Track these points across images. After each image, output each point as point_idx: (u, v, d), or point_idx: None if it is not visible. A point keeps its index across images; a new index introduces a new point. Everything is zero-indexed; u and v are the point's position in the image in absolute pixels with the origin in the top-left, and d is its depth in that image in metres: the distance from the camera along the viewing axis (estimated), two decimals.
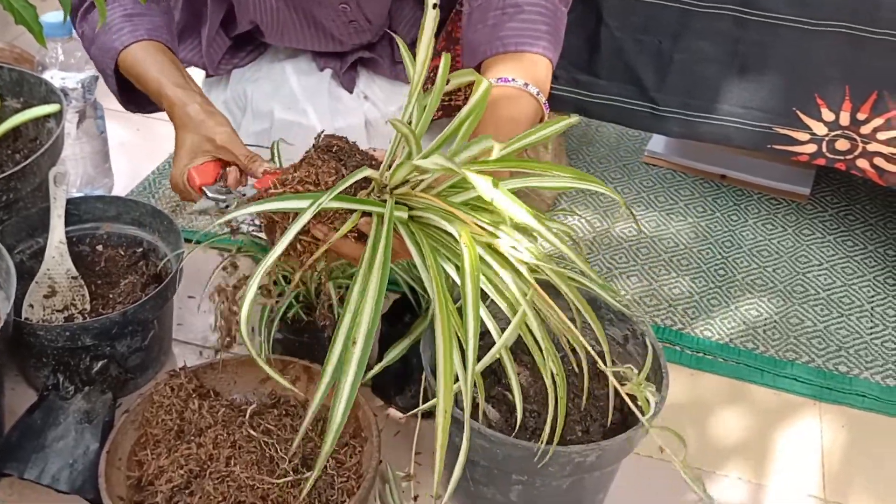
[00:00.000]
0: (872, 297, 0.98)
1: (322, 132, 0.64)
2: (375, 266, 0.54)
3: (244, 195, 0.70)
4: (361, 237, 0.60)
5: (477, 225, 0.57)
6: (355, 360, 0.52)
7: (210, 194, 0.70)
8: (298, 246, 0.59)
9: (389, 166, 0.59)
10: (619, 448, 0.66)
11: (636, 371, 0.66)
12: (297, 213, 0.55)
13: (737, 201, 1.10)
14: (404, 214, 0.58)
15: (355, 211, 0.58)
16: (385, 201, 0.58)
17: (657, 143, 1.16)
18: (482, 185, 0.51)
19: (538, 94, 0.70)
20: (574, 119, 0.65)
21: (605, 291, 0.75)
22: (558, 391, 0.62)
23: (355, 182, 0.57)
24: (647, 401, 0.64)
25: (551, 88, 0.95)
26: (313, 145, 0.63)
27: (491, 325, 0.61)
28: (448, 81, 0.63)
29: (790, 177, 1.12)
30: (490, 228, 0.57)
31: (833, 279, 1.00)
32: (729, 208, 1.09)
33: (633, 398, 0.67)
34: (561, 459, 0.64)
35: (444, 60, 0.63)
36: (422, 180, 0.59)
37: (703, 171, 1.13)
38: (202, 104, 0.74)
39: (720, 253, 1.03)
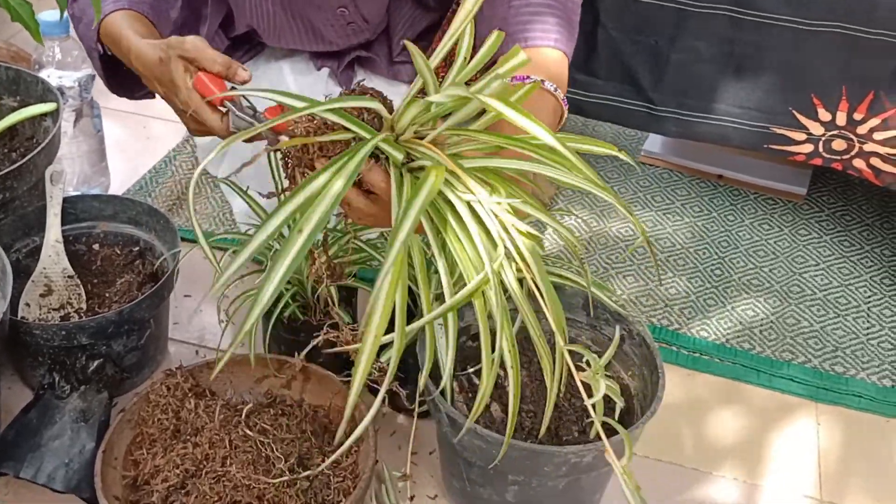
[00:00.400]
0: (869, 297, 0.98)
1: (360, 80, 0.58)
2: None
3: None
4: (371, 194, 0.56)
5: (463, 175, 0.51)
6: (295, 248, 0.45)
7: (236, 112, 0.63)
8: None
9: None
10: (615, 448, 0.65)
11: (597, 356, 0.64)
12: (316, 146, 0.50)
13: (733, 201, 1.11)
14: (400, 156, 0.53)
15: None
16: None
17: (654, 142, 1.16)
18: (501, 108, 0.46)
19: (555, 90, 0.68)
20: (619, 153, 0.60)
21: (601, 291, 0.75)
22: (550, 385, 0.61)
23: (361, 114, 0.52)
24: (615, 391, 0.62)
25: None
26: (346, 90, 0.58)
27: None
28: (494, 62, 0.56)
29: (787, 177, 1.12)
30: (478, 189, 0.51)
31: (830, 279, 1.00)
32: (725, 208, 1.09)
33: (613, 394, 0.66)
34: (557, 460, 0.64)
35: (496, 37, 0.57)
36: (431, 131, 0.53)
37: (700, 171, 1.14)
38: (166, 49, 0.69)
39: (717, 253, 1.03)
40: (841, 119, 0.88)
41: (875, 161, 0.89)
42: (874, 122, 0.87)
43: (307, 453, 0.69)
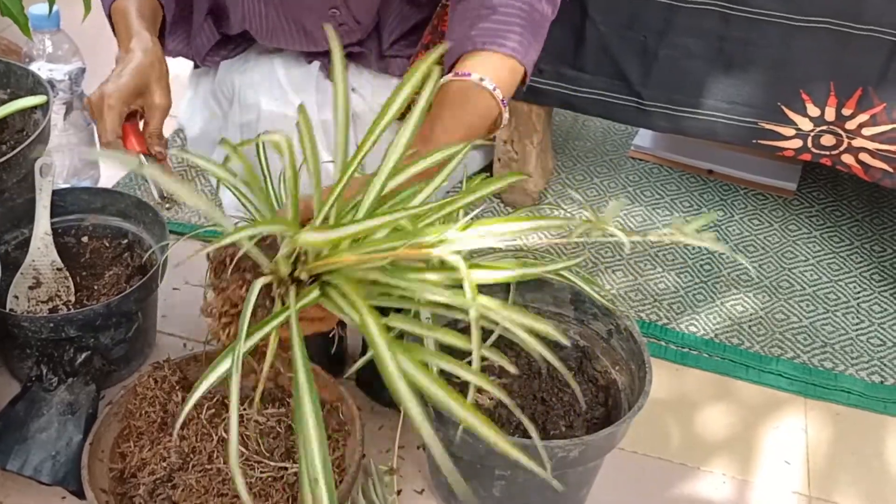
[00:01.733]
0: (858, 293, 0.98)
1: (209, 251, 0.59)
2: (305, 408, 0.49)
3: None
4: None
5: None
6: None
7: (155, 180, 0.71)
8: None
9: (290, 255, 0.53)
10: (602, 443, 0.66)
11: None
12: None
13: (723, 196, 1.11)
14: (316, 294, 0.53)
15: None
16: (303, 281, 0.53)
17: (644, 137, 1.16)
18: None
19: (494, 89, 0.70)
20: (516, 178, 0.62)
21: (589, 286, 0.75)
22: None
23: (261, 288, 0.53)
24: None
25: (536, 83, 0.96)
26: (207, 269, 0.60)
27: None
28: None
29: (777, 172, 1.12)
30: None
31: (819, 275, 1.00)
32: (715, 203, 1.09)
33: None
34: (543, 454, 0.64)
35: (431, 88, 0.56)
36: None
37: (690, 166, 1.14)
38: (166, 67, 0.76)
39: (706, 248, 1.03)
40: (830, 115, 0.88)
41: (864, 156, 0.89)
42: (863, 117, 0.87)
43: (294, 447, 0.69)
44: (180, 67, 1.16)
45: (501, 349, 0.79)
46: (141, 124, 0.77)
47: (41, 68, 0.95)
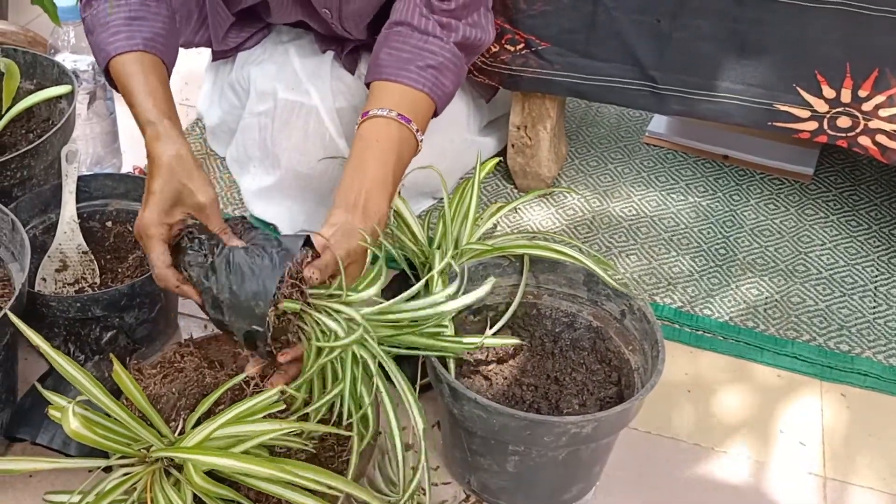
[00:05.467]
0: (876, 276, 0.97)
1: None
2: None
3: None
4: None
5: None
6: None
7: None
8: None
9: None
10: (614, 420, 0.66)
11: None
12: None
13: (739, 181, 1.10)
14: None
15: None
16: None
17: (658, 123, 1.16)
18: None
19: (409, 122, 0.75)
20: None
21: (600, 267, 0.75)
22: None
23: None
24: None
25: (546, 73, 0.96)
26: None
27: None
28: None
29: (794, 157, 1.11)
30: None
31: (836, 259, 1.00)
32: (731, 188, 1.09)
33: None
34: (557, 430, 0.65)
35: None
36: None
37: (706, 152, 1.13)
38: (189, 149, 0.69)
39: (721, 232, 1.03)
40: (846, 96, 0.87)
41: (881, 138, 0.89)
42: (879, 98, 0.86)
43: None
44: (199, 60, 1.18)
45: (515, 330, 0.80)
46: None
47: (66, 59, 0.98)
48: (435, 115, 0.80)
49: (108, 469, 0.60)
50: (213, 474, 0.58)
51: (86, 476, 0.62)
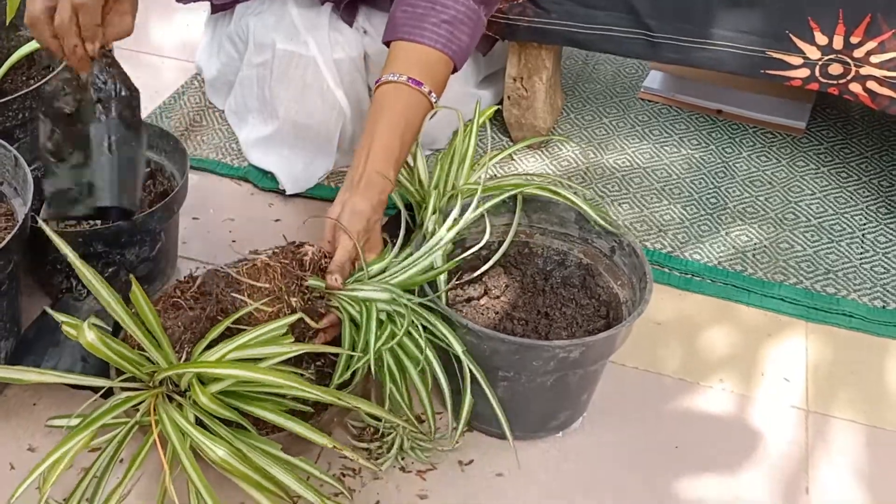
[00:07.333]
0: (864, 224, 0.99)
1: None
2: None
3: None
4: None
5: None
6: None
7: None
8: None
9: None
10: (601, 346, 0.68)
11: None
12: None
13: (732, 135, 1.11)
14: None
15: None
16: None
17: (654, 79, 1.17)
18: None
19: (421, 85, 0.76)
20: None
21: (590, 207, 0.77)
22: None
23: None
24: None
25: (544, 23, 0.97)
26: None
27: None
28: None
29: (787, 111, 1.12)
30: None
31: (825, 208, 1.01)
32: (724, 141, 1.10)
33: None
34: (545, 354, 0.66)
35: None
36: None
37: (700, 107, 1.14)
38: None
39: (713, 183, 1.04)
40: (838, 43, 0.88)
41: (871, 84, 0.90)
42: (871, 45, 0.87)
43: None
44: (196, 15, 1.19)
45: (507, 268, 0.82)
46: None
47: None
48: (455, 70, 0.81)
49: (107, 395, 0.62)
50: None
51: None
